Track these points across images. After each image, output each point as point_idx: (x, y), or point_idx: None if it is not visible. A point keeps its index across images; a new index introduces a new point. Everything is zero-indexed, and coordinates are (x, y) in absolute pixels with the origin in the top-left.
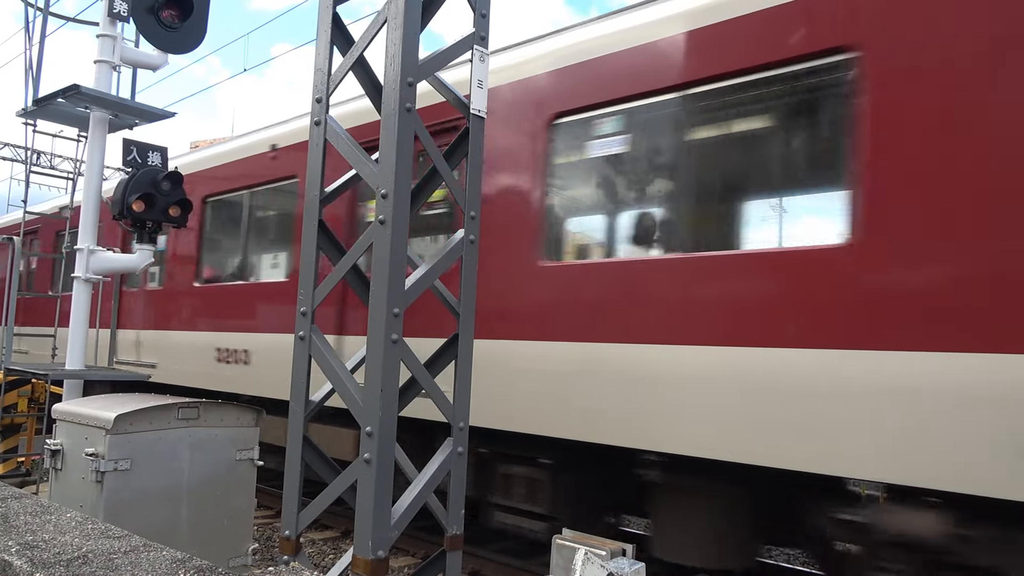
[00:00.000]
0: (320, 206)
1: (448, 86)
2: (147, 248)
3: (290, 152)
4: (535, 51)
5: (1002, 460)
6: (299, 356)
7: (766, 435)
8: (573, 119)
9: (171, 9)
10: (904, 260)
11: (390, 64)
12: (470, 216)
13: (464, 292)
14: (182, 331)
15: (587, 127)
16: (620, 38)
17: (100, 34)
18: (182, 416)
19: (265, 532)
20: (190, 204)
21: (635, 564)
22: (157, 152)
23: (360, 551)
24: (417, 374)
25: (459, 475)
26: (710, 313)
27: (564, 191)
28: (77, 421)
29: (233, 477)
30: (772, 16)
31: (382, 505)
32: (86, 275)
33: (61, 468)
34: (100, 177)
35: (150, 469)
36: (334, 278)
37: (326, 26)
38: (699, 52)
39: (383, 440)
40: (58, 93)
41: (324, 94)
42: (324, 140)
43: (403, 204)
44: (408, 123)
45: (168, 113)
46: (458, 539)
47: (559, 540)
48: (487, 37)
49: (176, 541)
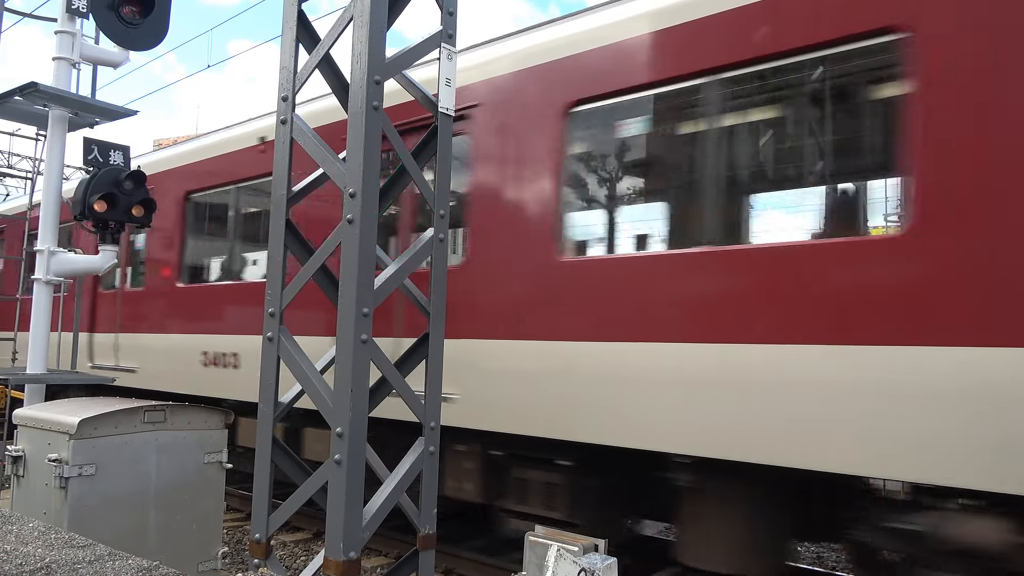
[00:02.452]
0: (287, 205)
1: (416, 84)
2: (110, 249)
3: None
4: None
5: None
6: (267, 358)
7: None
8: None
9: (132, 5)
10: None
11: (357, 62)
12: (439, 215)
13: (434, 291)
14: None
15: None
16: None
17: (58, 30)
18: (148, 419)
19: (235, 535)
20: (154, 203)
21: (607, 559)
22: (119, 151)
23: (332, 553)
24: (387, 374)
25: (431, 474)
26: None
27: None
28: (39, 426)
29: (201, 480)
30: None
31: (353, 506)
32: (47, 277)
33: (23, 475)
34: (60, 177)
35: (116, 474)
36: (302, 278)
37: (291, 24)
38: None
39: (353, 441)
40: (15, 91)
41: (290, 92)
42: (291, 139)
43: (371, 203)
44: (376, 121)
45: (130, 111)
46: (431, 538)
47: (532, 537)
48: (455, 35)
49: (144, 546)
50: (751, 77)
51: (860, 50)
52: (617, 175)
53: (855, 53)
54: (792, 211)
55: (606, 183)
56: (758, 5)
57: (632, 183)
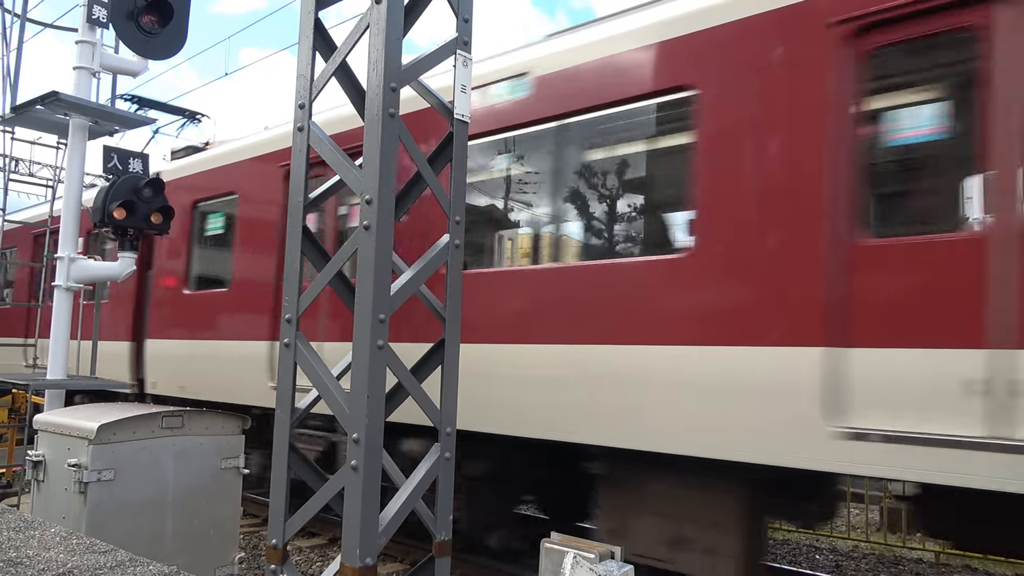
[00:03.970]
0: (303, 212)
1: (432, 91)
2: (129, 256)
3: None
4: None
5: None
6: (284, 363)
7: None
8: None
9: (151, 15)
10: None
11: (373, 69)
12: (455, 221)
13: (450, 296)
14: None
15: None
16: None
17: (79, 40)
18: (166, 425)
19: (251, 540)
20: (172, 211)
21: (624, 567)
22: (138, 159)
23: (348, 559)
24: (404, 380)
25: (447, 480)
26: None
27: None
28: (59, 431)
29: (218, 486)
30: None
31: (369, 512)
32: (67, 283)
33: (43, 479)
34: (80, 184)
35: (134, 479)
36: (319, 284)
37: (308, 32)
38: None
39: (370, 447)
40: (37, 100)
41: (307, 100)
42: (307, 146)
43: (388, 210)
44: (392, 128)
45: (148, 120)
46: (446, 545)
47: (548, 544)
48: (470, 42)
49: (161, 551)
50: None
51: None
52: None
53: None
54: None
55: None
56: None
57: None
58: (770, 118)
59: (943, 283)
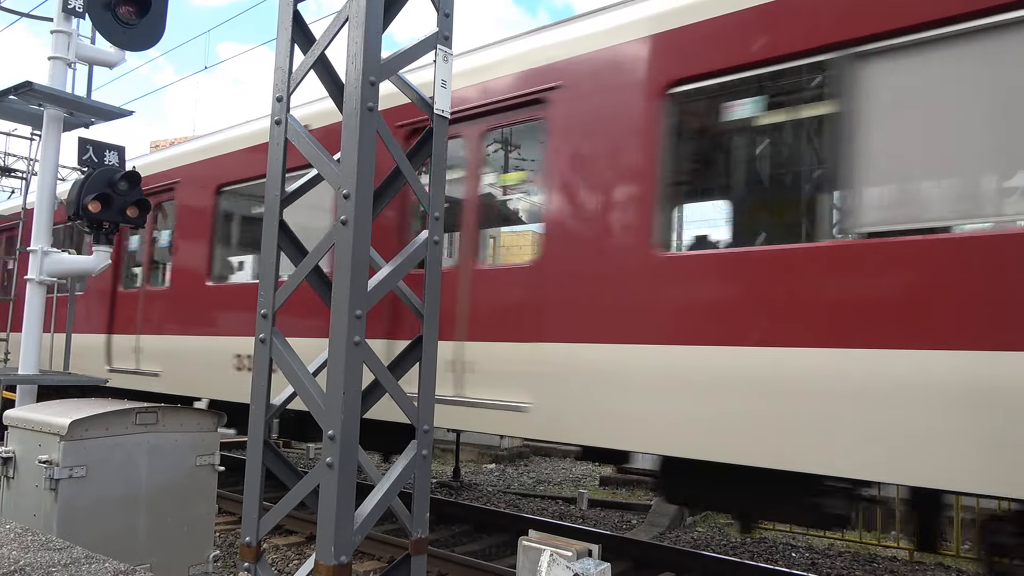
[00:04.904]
0: (280, 207)
1: (412, 86)
2: (104, 249)
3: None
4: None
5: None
6: (260, 359)
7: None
8: None
9: (128, 5)
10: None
11: (352, 63)
12: (434, 217)
13: (428, 293)
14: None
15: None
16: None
17: (54, 30)
18: (140, 421)
19: (227, 538)
20: (148, 204)
21: (600, 564)
22: (114, 151)
23: (323, 557)
24: (380, 377)
25: (423, 478)
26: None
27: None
28: (30, 427)
29: (193, 483)
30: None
31: (345, 510)
32: (39, 277)
33: (13, 476)
34: (54, 177)
35: (107, 476)
36: (295, 280)
37: (287, 24)
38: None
39: (345, 444)
40: (10, 90)
41: (285, 92)
42: (285, 139)
43: (366, 205)
44: (370, 122)
45: (125, 112)
46: (423, 542)
47: (525, 542)
48: (451, 37)
49: (134, 549)
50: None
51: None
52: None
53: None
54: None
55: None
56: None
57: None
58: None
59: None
